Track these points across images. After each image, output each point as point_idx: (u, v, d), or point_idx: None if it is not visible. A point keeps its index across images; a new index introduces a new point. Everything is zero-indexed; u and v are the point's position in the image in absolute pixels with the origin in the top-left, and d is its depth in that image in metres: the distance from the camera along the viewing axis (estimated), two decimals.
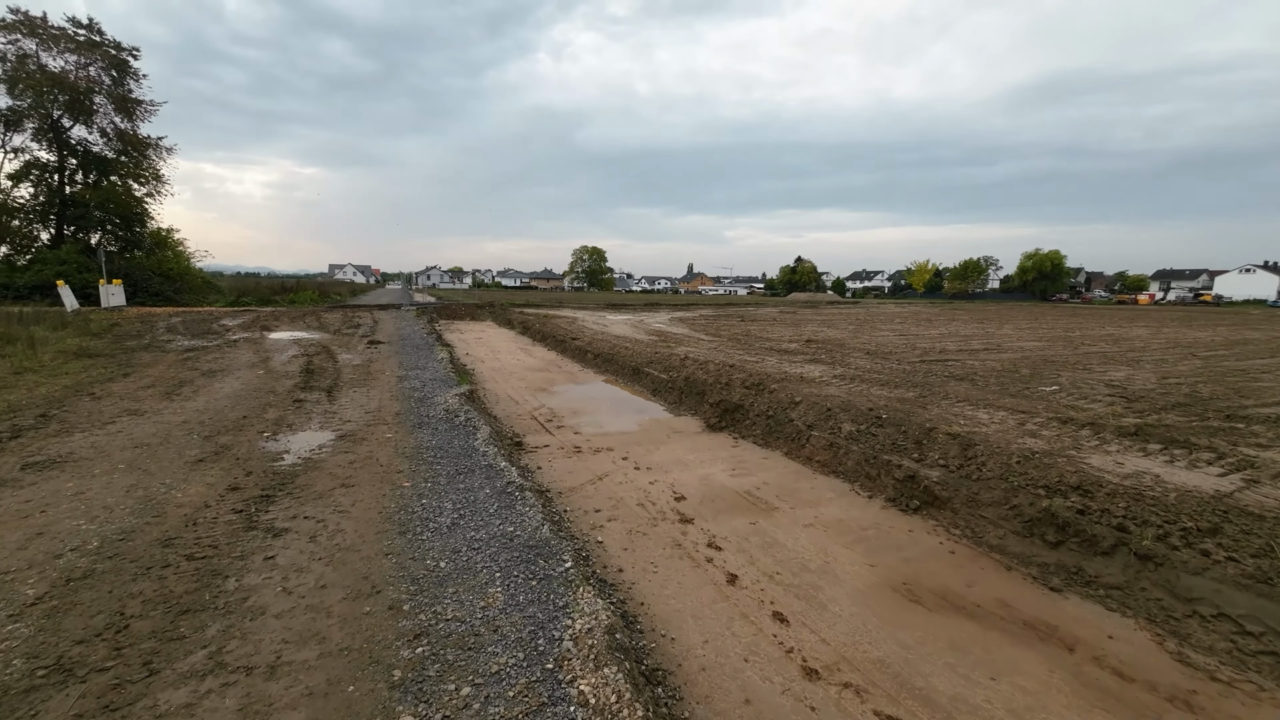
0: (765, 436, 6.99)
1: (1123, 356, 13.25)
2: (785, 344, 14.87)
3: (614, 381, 11.16)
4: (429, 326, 18.71)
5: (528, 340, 17.87)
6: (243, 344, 12.42)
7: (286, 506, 4.16)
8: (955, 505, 4.69)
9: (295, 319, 19.71)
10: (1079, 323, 27.12)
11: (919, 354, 12.88)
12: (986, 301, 78.88)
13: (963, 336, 18.28)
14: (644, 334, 18.05)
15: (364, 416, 6.77)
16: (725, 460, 6.25)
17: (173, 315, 19.67)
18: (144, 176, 27.78)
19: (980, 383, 8.87)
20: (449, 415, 6.84)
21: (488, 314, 26.54)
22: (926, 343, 15.97)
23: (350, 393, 8.01)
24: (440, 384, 8.64)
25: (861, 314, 33.10)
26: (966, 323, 25.65)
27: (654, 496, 5.11)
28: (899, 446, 5.74)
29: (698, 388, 8.95)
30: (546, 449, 6.50)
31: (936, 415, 6.50)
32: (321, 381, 8.55)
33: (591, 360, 13.06)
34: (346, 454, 5.38)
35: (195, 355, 10.50)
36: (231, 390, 7.87)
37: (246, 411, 6.77)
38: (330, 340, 13.67)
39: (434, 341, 13.91)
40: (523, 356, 14.16)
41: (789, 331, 19.15)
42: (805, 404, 7.25)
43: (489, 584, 3.11)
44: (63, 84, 24.15)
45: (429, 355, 11.68)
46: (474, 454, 5.44)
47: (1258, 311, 49.45)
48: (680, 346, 13.52)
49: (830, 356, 11.99)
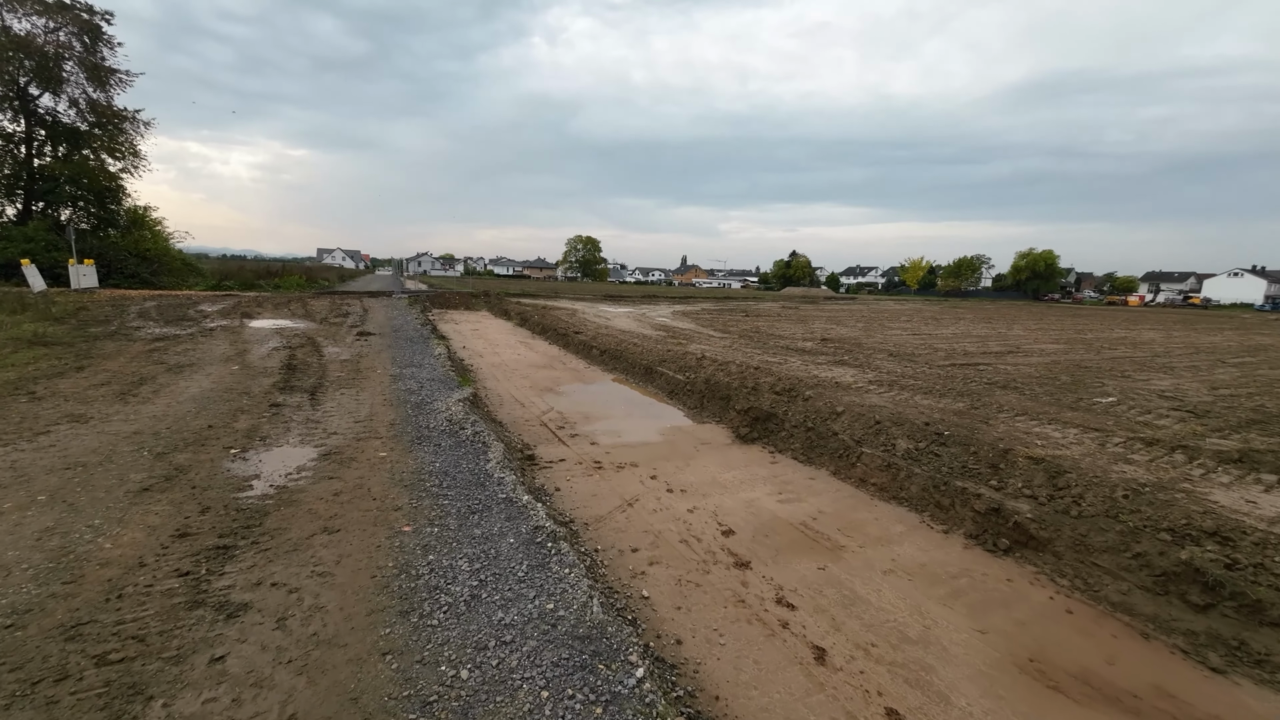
0: (807, 451, 6.25)
1: (1152, 363, 12.70)
2: (800, 342, 14.16)
3: (624, 381, 10.37)
4: (422, 316, 17.74)
5: (527, 333, 17.00)
6: (219, 333, 11.39)
7: (249, 565, 3.20)
8: (1058, 548, 3.98)
9: (279, 306, 18.63)
10: (1084, 324, 26.72)
11: (943, 356, 12.23)
12: (981, 300, 78.84)
13: (977, 337, 17.70)
14: (649, 329, 17.24)
15: (353, 427, 5.84)
16: (767, 481, 5.50)
17: (147, 299, 18.50)
18: (119, 151, 26.22)
19: (1027, 392, 8.20)
20: (453, 426, 5.95)
21: (483, 303, 25.55)
22: (943, 343, 15.35)
23: (337, 395, 7.07)
24: (439, 385, 7.73)
25: (864, 311, 32.52)
26: (973, 322, 25.14)
27: (697, 529, 4.36)
28: (971, 471, 5.02)
29: (721, 392, 8.20)
30: (563, 464, 5.71)
31: (1004, 433, 5.79)
32: (304, 380, 7.60)
33: (598, 357, 12.25)
34: (331, 480, 4.45)
35: (164, 345, 9.49)
36: (199, 390, 6.87)
37: (213, 419, 5.83)
38: (316, 330, 12.67)
39: (429, 334, 12.96)
40: (524, 351, 13.31)
41: (798, 329, 18.45)
42: (849, 415, 6.52)
43: (534, 713, 2.20)
44: (29, 48, 22.57)
45: (424, 349, 10.74)
46: (488, 481, 4.55)
47: (1249, 315, 49.63)
48: (692, 344, 12.74)
49: (854, 358, 11.28)
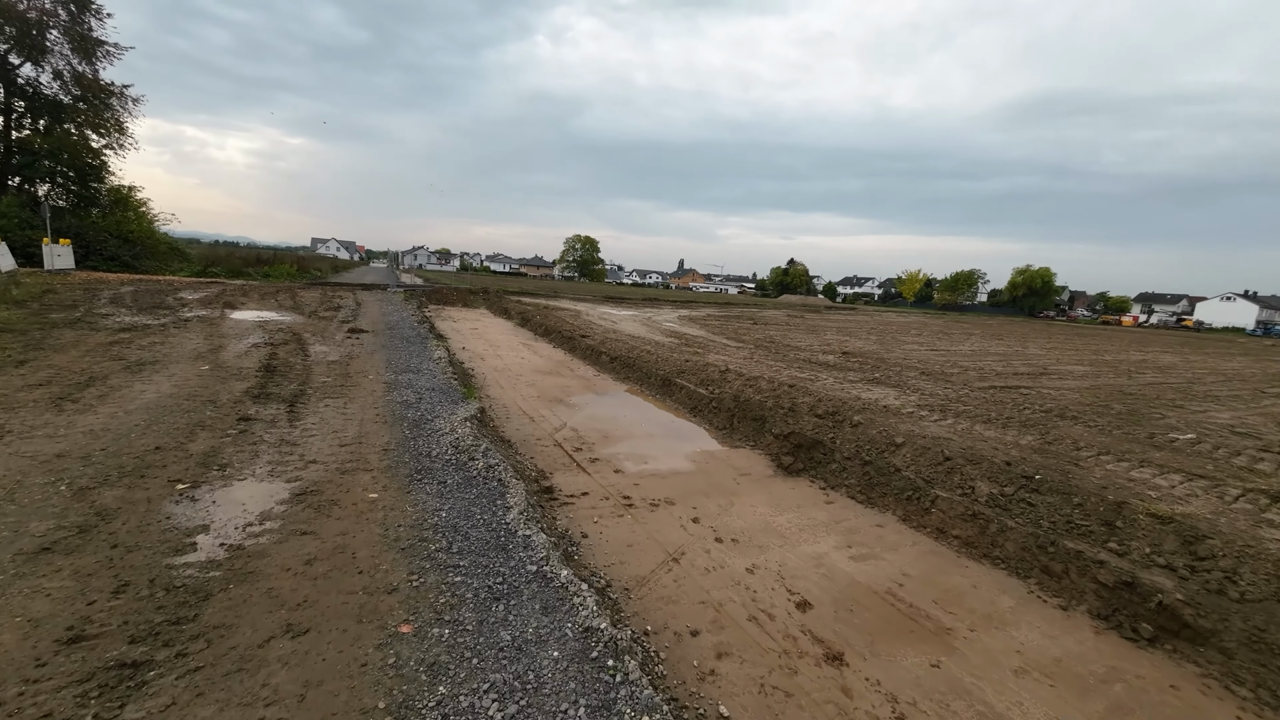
0: (866, 490, 5.43)
1: (1192, 390, 12.05)
2: (821, 355, 13.38)
3: (639, 393, 9.51)
4: (419, 313, 16.76)
5: (529, 334, 16.09)
6: (195, 325, 10.36)
7: (163, 707, 2.06)
8: (1226, 644, 3.17)
9: (266, 296, 17.58)
10: (1093, 344, 26.22)
11: (976, 376, 11.48)
12: (979, 315, 78.78)
13: (997, 355, 17.02)
14: (659, 334, 16.40)
15: (338, 453, 4.77)
16: (829, 528, 4.66)
17: (125, 283, 17.38)
18: (104, 126, 25.00)
19: (1092, 424, 7.44)
20: (460, 455, 4.92)
21: (481, 301, 24.58)
22: (966, 360, 14.64)
23: (321, 407, 5.97)
24: (441, 396, 6.77)
25: (870, 323, 31.89)
26: (984, 339, 24.53)
27: (765, 599, 3.50)
28: (1079, 528, 4.22)
29: (753, 412, 7.36)
30: (586, 499, 4.84)
31: (1103, 478, 5.01)
32: (284, 386, 6.59)
33: (608, 364, 11.38)
34: (304, 537, 3.38)
35: (129, 338, 8.47)
36: (156, 397, 5.72)
37: (165, 436, 4.70)
38: (304, 325, 11.68)
39: (427, 333, 11.98)
40: (527, 354, 12.42)
41: (813, 340, 17.69)
42: (910, 447, 5.71)
43: None
44: (9, 14, 21.35)
45: (422, 351, 9.78)
46: (511, 543, 3.50)
47: (1244, 340, 49.71)
48: (710, 354, 11.90)
49: (885, 376, 10.49)
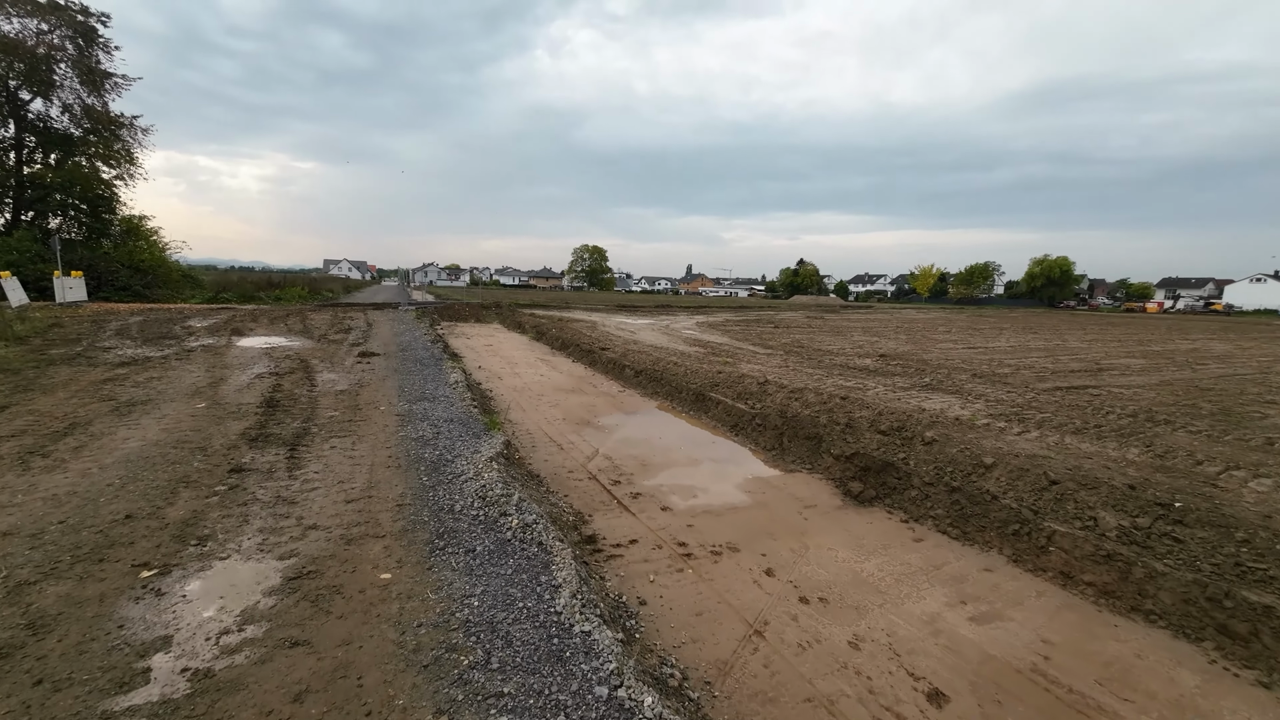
0: (959, 523, 4.64)
1: (1269, 380, 11.04)
2: (858, 359, 12.56)
3: (671, 410, 8.79)
4: (431, 331, 16.23)
5: (545, 348, 15.47)
6: (199, 355, 9.86)
7: None
8: None
9: (276, 320, 17.19)
10: (1132, 333, 24.99)
11: (1033, 376, 10.58)
12: (998, 307, 76.96)
13: (1041, 350, 16.03)
14: (681, 343, 15.68)
15: (343, 512, 3.97)
16: (929, 574, 3.89)
17: (134, 314, 17.11)
18: (114, 158, 25.06)
19: (1194, 429, 6.55)
20: (489, 508, 4.03)
21: (494, 315, 24.08)
22: (1010, 358, 13.71)
23: (326, 449, 5.28)
24: (460, 429, 6.07)
25: (893, 321, 30.87)
26: (1017, 333, 23.44)
27: (886, 692, 2.74)
28: (1254, 571, 3.41)
29: (804, 429, 6.60)
30: (636, 548, 4.11)
31: (1257, 501, 4.17)
32: (286, 425, 5.85)
33: (632, 378, 10.69)
34: (294, 653, 2.49)
35: (127, 373, 7.95)
36: (139, 445, 5.05)
37: (140, 499, 3.94)
38: (312, 351, 11.15)
39: (441, 353, 11.36)
40: (546, 370, 11.77)
41: (841, 342, 16.85)
42: (1003, 469, 4.91)
43: None
44: (18, 50, 21.45)
45: (437, 374, 9.15)
46: (569, 649, 2.51)
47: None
48: (742, 363, 11.15)
49: (938, 380, 9.65)
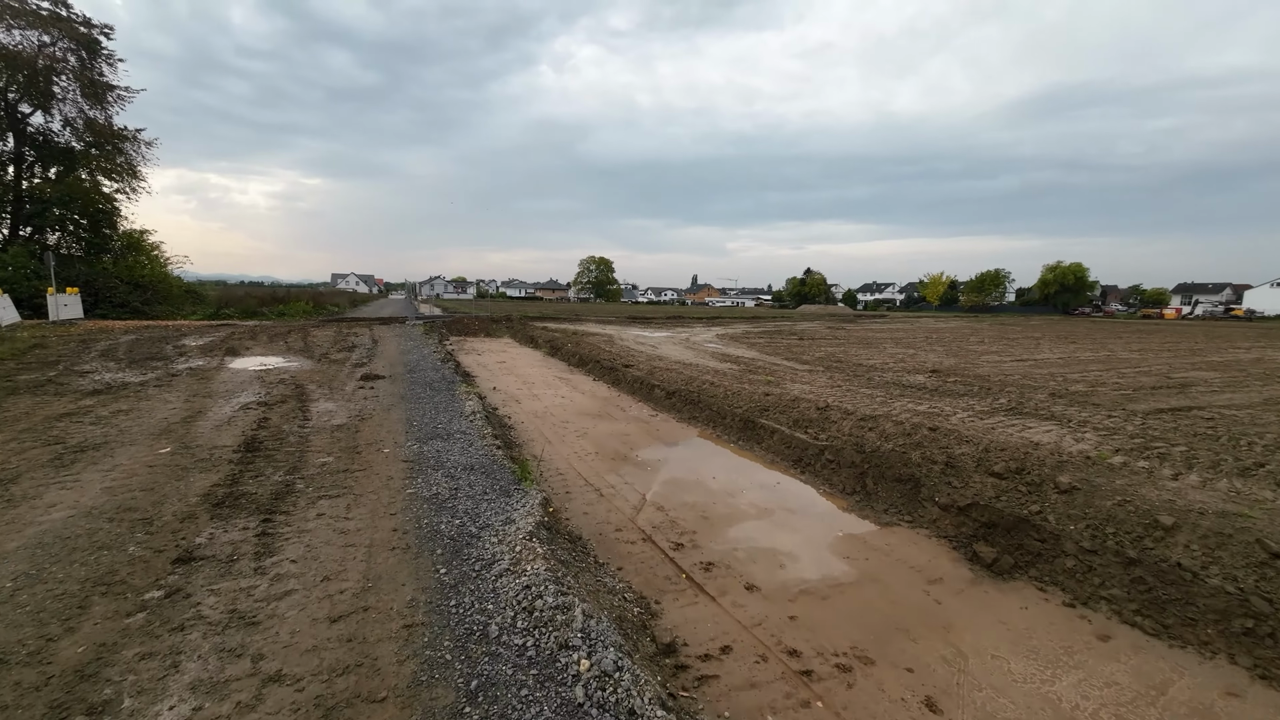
0: (1153, 611, 3.49)
1: None
2: (908, 375, 11.41)
3: (714, 438, 7.69)
4: (440, 348, 15.23)
5: (561, 365, 14.43)
6: (184, 380, 8.83)
7: None
8: None
9: (276, 337, 16.27)
10: (1170, 341, 23.65)
11: (1118, 395, 9.36)
12: (1012, 315, 75.37)
13: (1098, 363, 14.78)
14: (709, 358, 14.60)
15: (323, 647, 2.61)
16: (1158, 705, 2.74)
17: (128, 332, 16.24)
18: (116, 171, 24.47)
19: None
20: (541, 635, 2.62)
21: (504, 329, 23.11)
22: (1073, 372, 12.51)
23: (311, 519, 4.03)
24: (484, 481, 4.72)
25: (914, 330, 29.66)
26: (1053, 341, 22.18)
27: None
28: None
29: (892, 468, 5.49)
30: (731, 662, 2.98)
31: None
32: (263, 479, 4.71)
33: (664, 400, 9.60)
34: None
35: (93, 405, 6.91)
36: (66, 516, 3.85)
37: (28, 618, 2.71)
38: (311, 373, 10.12)
39: (453, 375, 10.29)
40: (566, 391, 10.71)
41: (879, 355, 15.71)
42: (1190, 532, 3.77)
43: None
44: (18, 62, 20.95)
45: (450, 402, 8.05)
46: None
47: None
48: (788, 383, 10.04)
49: (1019, 403, 8.46)
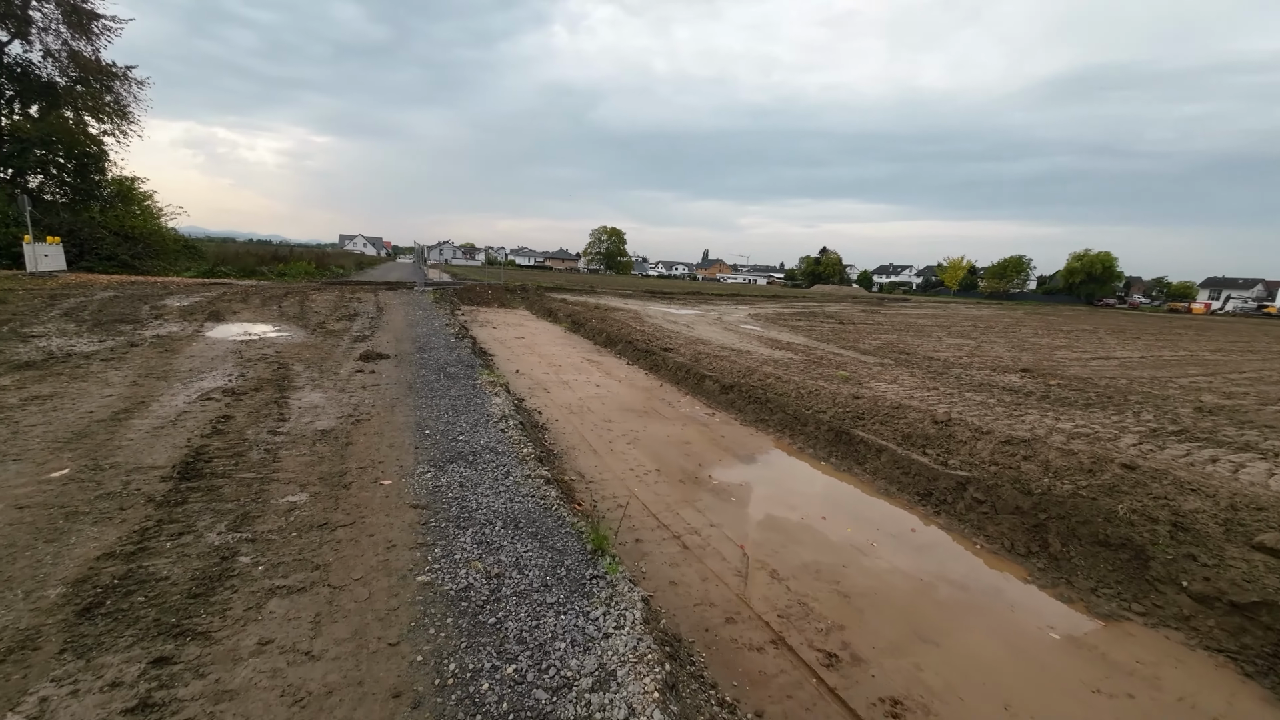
0: None
1: None
2: (999, 375, 9.74)
3: (797, 451, 6.15)
4: (453, 319, 13.63)
5: (586, 343, 12.85)
6: (141, 351, 7.24)
7: None
8: None
9: (270, 300, 14.71)
10: (1218, 339, 21.88)
11: (1265, 408, 7.75)
12: (1035, 304, 72.75)
13: (1195, 364, 13.01)
14: (755, 343, 12.97)
15: None
16: None
17: (108, 287, 14.72)
18: (105, 111, 22.52)
19: None
20: None
21: (519, 299, 21.47)
22: (1175, 376, 10.79)
23: (248, 644, 2.20)
24: (538, 550, 3.01)
25: (952, 316, 27.80)
26: (1115, 336, 20.37)
27: None
28: None
29: (1086, 524, 3.94)
30: None
31: None
32: (191, 543, 2.85)
33: (719, 395, 8.04)
34: None
35: (20, 382, 5.43)
36: None
37: None
38: (301, 348, 8.55)
39: (471, 357, 8.66)
40: (599, 377, 9.16)
41: (937, 345, 14.02)
42: None
43: None
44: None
45: (471, 397, 6.24)
46: None
47: None
48: (871, 381, 8.43)
49: (1168, 418, 6.80)
